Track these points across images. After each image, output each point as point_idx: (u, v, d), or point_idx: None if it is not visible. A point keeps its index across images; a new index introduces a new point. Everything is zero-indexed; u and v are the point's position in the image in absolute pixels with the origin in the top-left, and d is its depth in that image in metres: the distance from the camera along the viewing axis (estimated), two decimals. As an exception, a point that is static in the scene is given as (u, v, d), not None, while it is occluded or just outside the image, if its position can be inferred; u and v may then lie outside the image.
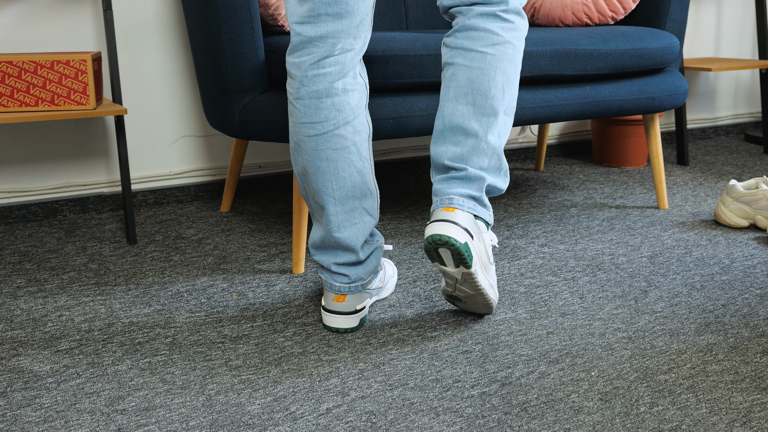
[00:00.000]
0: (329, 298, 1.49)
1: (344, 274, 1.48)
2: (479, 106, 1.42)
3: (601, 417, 1.19)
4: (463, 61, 1.43)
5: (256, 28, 1.75)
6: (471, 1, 1.44)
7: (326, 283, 1.49)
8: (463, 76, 1.43)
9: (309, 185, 1.46)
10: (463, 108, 1.42)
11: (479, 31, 1.43)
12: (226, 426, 1.17)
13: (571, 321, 1.53)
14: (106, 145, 2.26)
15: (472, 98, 1.42)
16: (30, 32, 2.11)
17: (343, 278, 1.48)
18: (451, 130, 1.43)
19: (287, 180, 2.52)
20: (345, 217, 1.45)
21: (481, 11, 1.44)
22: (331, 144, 1.43)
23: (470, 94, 1.42)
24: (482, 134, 1.42)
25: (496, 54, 1.43)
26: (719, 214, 2.12)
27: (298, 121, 1.44)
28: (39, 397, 1.26)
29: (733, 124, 3.37)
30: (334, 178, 1.43)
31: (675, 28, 2.21)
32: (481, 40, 1.43)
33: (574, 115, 2.00)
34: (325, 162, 1.43)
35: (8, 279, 1.76)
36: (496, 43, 1.43)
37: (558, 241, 1.99)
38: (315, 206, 1.48)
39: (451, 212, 1.39)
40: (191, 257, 1.90)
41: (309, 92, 1.41)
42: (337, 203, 1.45)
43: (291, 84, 1.44)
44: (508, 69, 1.43)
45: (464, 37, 1.44)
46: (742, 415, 1.20)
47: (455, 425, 1.17)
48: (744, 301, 1.62)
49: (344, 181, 1.44)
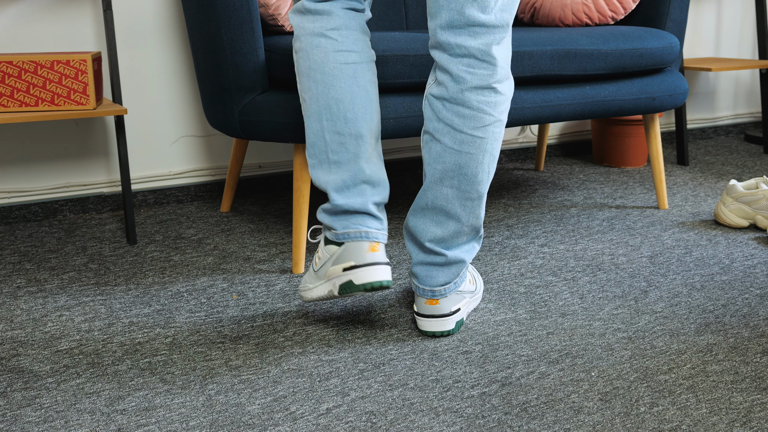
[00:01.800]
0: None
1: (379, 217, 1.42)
2: (465, 191, 1.39)
3: (601, 417, 1.19)
4: (452, 143, 1.37)
5: (256, 28, 1.75)
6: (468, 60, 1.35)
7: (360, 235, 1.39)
8: (451, 160, 1.38)
9: (339, 117, 1.40)
10: (448, 191, 1.39)
11: (472, 110, 1.35)
12: (226, 426, 1.17)
13: (571, 321, 1.53)
14: (106, 145, 2.26)
15: (458, 182, 1.39)
16: (30, 32, 2.11)
17: (378, 222, 1.42)
18: (434, 210, 1.41)
19: (287, 180, 2.52)
20: (376, 153, 1.44)
21: (477, 84, 1.35)
22: (369, 75, 1.44)
23: (456, 178, 1.38)
24: (465, 219, 1.41)
25: (486, 137, 1.37)
26: (719, 214, 2.12)
27: (333, 50, 1.41)
28: (39, 397, 1.26)
29: (733, 124, 3.37)
30: (373, 107, 1.43)
31: (675, 28, 2.21)
32: (473, 120, 1.36)
33: (574, 115, 2.00)
34: (364, 91, 1.41)
35: (8, 279, 1.76)
36: (487, 124, 1.36)
37: (558, 241, 1.99)
38: (345, 140, 1.40)
39: (435, 305, 1.45)
40: (191, 257, 1.90)
41: (345, 24, 1.43)
42: (371, 135, 1.43)
43: (317, 19, 1.43)
44: (495, 149, 1.39)
45: (454, 113, 1.36)
46: (742, 415, 1.20)
47: (455, 425, 1.17)
48: (744, 301, 1.62)
49: (377, 115, 1.44)
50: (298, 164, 1.75)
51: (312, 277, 1.48)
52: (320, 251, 1.45)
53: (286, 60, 1.73)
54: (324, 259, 1.43)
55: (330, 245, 1.42)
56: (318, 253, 1.46)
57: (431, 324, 1.45)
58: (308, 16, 1.45)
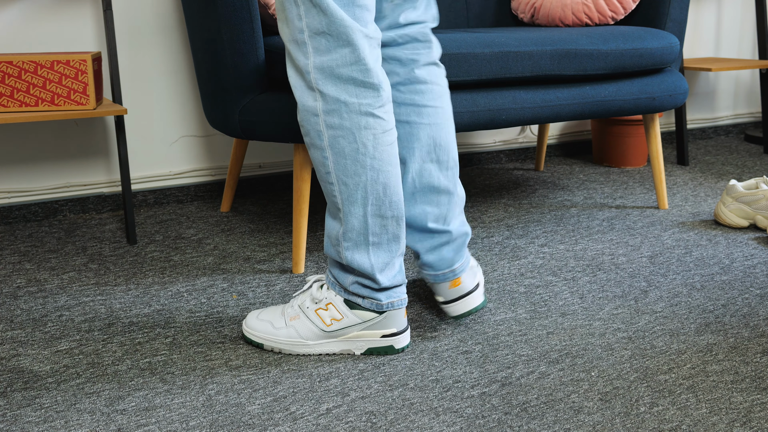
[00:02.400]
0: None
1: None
2: (443, 162, 1.44)
3: (601, 417, 1.19)
4: (419, 118, 1.43)
5: (256, 28, 1.75)
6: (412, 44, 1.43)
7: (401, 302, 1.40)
8: (423, 133, 1.43)
9: (384, 202, 1.34)
10: (431, 167, 1.43)
11: (427, 83, 1.43)
12: (226, 426, 1.17)
13: (571, 321, 1.53)
14: (106, 145, 2.26)
15: (437, 155, 1.43)
16: (30, 32, 2.11)
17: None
18: (423, 191, 1.44)
19: (287, 180, 2.52)
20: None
21: (426, 61, 1.44)
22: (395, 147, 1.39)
23: (434, 151, 1.43)
24: (452, 188, 1.45)
25: (445, 106, 1.45)
26: (719, 214, 2.12)
27: (381, 131, 1.31)
28: (39, 397, 1.26)
29: (733, 124, 3.37)
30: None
31: (675, 28, 2.21)
32: (430, 93, 1.43)
33: (574, 115, 2.00)
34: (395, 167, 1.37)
35: (8, 279, 1.76)
36: (442, 94, 1.45)
37: (558, 241, 1.99)
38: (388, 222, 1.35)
39: (459, 285, 1.47)
40: (191, 257, 1.90)
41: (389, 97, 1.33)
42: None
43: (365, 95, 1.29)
44: (452, 116, 1.47)
45: (411, 91, 1.43)
46: (742, 415, 1.20)
47: (455, 425, 1.17)
48: (744, 301, 1.62)
49: None
50: (298, 164, 1.75)
51: (314, 334, 1.39)
52: (337, 312, 1.38)
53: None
54: (349, 323, 1.38)
55: (363, 311, 1.38)
56: (327, 312, 1.39)
57: (465, 304, 1.46)
58: (351, 88, 1.27)
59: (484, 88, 1.88)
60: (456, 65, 1.80)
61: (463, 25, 2.47)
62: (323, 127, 1.29)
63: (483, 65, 1.83)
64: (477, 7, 2.48)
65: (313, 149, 1.32)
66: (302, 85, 1.29)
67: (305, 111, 1.30)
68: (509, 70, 1.88)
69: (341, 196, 1.33)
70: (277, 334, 1.40)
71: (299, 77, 1.29)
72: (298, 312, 1.40)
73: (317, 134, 1.30)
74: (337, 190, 1.33)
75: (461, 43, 1.81)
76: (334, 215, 1.36)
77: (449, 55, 1.79)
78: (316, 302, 1.40)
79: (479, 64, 1.83)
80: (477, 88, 1.88)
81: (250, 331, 1.42)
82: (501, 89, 1.90)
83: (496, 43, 1.86)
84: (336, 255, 1.37)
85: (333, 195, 1.34)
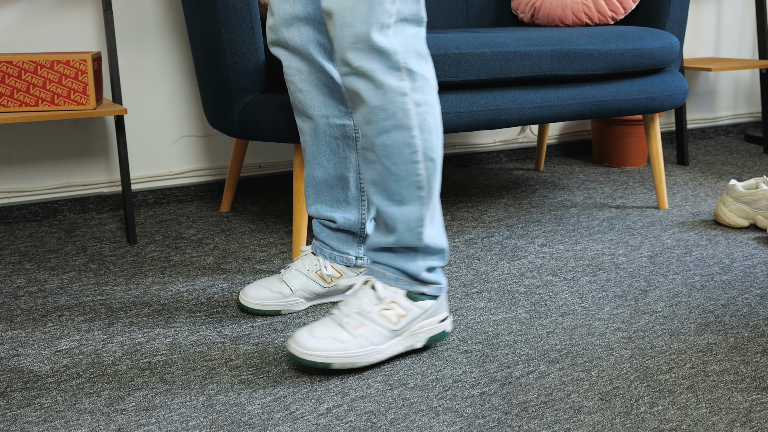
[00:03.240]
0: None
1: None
2: None
3: (601, 417, 1.19)
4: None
5: (256, 28, 1.75)
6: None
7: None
8: None
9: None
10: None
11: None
12: (226, 426, 1.17)
13: (571, 321, 1.53)
14: (106, 145, 2.26)
15: None
16: (30, 32, 2.11)
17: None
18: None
19: (287, 180, 2.52)
20: None
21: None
22: None
23: None
24: None
25: None
26: (719, 214, 2.12)
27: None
28: (39, 397, 1.26)
29: (733, 124, 3.37)
30: None
31: (675, 28, 2.21)
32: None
33: (574, 115, 2.00)
34: None
35: (8, 279, 1.76)
36: None
37: (558, 241, 1.99)
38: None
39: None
40: (191, 257, 1.90)
41: None
42: None
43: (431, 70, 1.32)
44: None
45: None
46: (742, 415, 1.20)
47: (455, 425, 1.17)
48: (744, 301, 1.62)
49: None
50: (298, 164, 1.75)
51: (384, 337, 1.34)
52: (401, 308, 1.35)
53: (286, 60, 1.73)
54: (413, 316, 1.36)
55: (424, 300, 1.37)
56: (392, 311, 1.35)
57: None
58: (425, 64, 1.30)
59: (484, 88, 1.88)
60: (456, 65, 1.80)
61: (463, 25, 2.47)
62: (411, 105, 1.27)
63: (483, 65, 1.83)
64: (477, 7, 2.48)
65: (396, 131, 1.28)
66: (384, 66, 1.25)
67: (390, 92, 1.26)
68: (509, 70, 1.88)
69: (426, 173, 1.31)
70: (347, 347, 1.30)
71: (380, 59, 1.24)
72: (360, 319, 1.33)
73: (405, 114, 1.27)
74: (422, 168, 1.30)
75: (461, 43, 1.81)
76: (411, 198, 1.31)
77: (449, 55, 1.79)
78: (378, 303, 1.34)
79: (479, 64, 1.83)
80: (477, 88, 1.88)
81: (312, 352, 1.29)
82: (501, 89, 1.90)
83: (496, 43, 1.86)
84: (415, 240, 1.33)
85: (416, 175, 1.30)
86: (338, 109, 1.50)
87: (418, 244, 1.33)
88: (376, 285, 1.35)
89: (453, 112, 1.82)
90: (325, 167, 1.53)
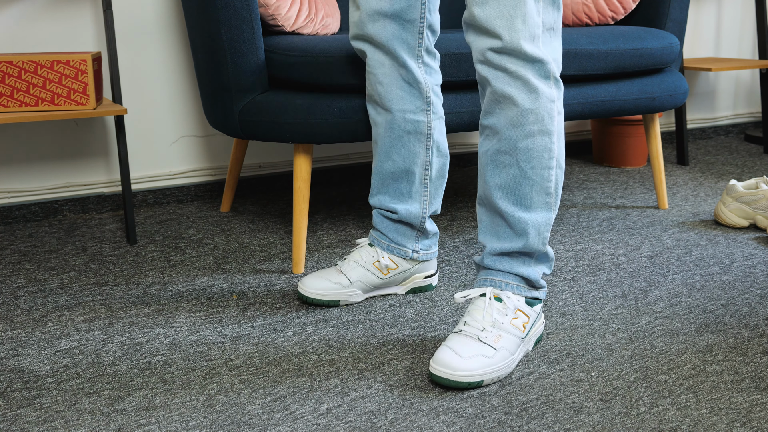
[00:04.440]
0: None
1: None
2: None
3: (601, 417, 1.19)
4: None
5: (256, 28, 1.75)
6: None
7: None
8: None
9: None
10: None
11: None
12: (226, 426, 1.17)
13: (571, 321, 1.53)
14: (106, 145, 2.26)
15: None
16: (30, 32, 2.11)
17: None
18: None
19: (287, 180, 2.52)
20: None
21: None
22: None
23: None
24: None
25: None
26: (719, 214, 2.12)
27: None
28: (39, 397, 1.26)
29: (733, 124, 3.37)
30: None
31: (675, 28, 2.21)
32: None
33: (574, 115, 2.00)
34: None
35: (8, 279, 1.76)
36: None
37: (558, 241, 1.99)
38: None
39: None
40: (191, 257, 1.90)
41: None
42: None
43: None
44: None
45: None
46: (742, 415, 1.20)
47: (455, 425, 1.17)
48: (744, 301, 1.62)
49: None
50: (298, 164, 1.75)
51: (516, 345, 1.34)
52: (524, 315, 1.37)
53: (286, 60, 1.73)
54: (533, 320, 1.38)
55: (538, 304, 1.40)
56: (519, 319, 1.36)
57: None
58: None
59: (484, 88, 1.88)
60: (456, 65, 1.80)
61: (463, 25, 2.46)
62: (556, 112, 1.32)
63: (483, 65, 1.83)
64: (477, 7, 2.47)
65: (540, 136, 1.31)
66: (538, 74, 1.29)
67: (543, 97, 1.30)
68: (509, 70, 1.87)
69: (555, 179, 1.34)
70: (494, 362, 1.29)
71: (533, 68, 1.28)
72: (497, 332, 1.32)
73: (551, 120, 1.31)
74: (554, 175, 1.34)
75: (461, 43, 1.81)
76: (540, 204, 1.34)
77: (450, 55, 1.79)
78: (508, 313, 1.35)
79: (479, 64, 1.83)
80: (477, 88, 1.88)
81: (464, 373, 1.27)
82: (501, 89, 1.90)
83: (496, 43, 1.86)
84: (540, 245, 1.35)
85: (548, 181, 1.33)
86: (415, 105, 1.54)
87: (542, 249, 1.36)
88: (502, 295, 1.36)
89: (453, 112, 1.82)
90: (395, 160, 1.58)
